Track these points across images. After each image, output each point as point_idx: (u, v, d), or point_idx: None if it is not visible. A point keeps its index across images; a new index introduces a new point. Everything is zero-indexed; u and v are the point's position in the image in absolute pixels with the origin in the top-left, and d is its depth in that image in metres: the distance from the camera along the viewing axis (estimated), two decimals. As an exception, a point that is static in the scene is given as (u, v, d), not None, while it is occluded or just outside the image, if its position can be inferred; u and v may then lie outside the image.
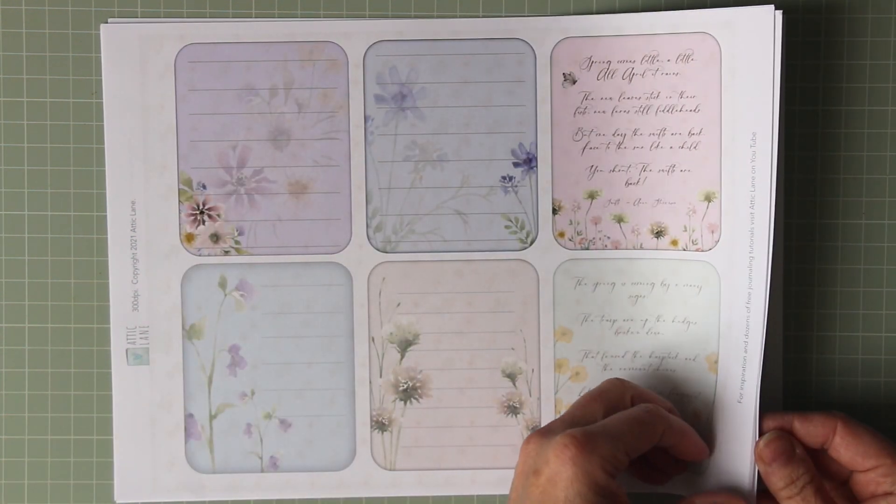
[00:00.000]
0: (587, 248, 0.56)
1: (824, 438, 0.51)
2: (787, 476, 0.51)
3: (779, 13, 0.53)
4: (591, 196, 0.56)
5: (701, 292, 0.55)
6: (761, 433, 0.53)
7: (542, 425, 0.55)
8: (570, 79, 0.55)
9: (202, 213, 0.56)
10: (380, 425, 0.56)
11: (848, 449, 0.51)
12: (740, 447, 0.53)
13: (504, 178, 0.56)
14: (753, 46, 0.53)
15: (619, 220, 0.56)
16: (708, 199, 0.55)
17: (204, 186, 0.56)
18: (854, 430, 0.51)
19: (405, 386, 0.56)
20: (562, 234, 0.56)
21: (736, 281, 0.54)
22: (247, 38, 0.56)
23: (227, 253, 0.56)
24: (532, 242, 0.56)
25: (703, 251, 0.55)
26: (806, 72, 0.56)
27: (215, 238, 0.56)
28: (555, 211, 0.56)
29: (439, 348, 0.56)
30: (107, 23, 0.56)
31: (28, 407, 0.57)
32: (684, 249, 0.55)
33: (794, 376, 0.56)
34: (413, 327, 0.56)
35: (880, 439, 0.51)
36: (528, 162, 0.56)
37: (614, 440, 0.48)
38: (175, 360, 0.56)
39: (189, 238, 0.56)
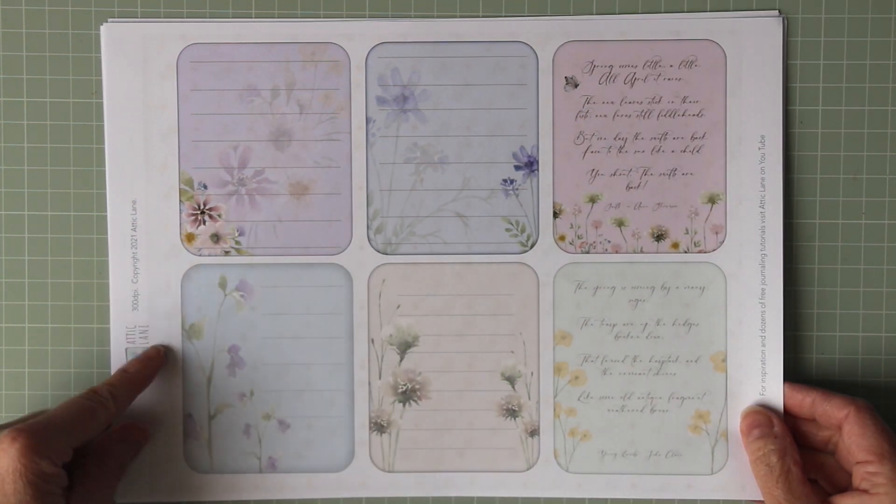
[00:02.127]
0: (587, 252, 0.56)
1: (839, 421, 0.52)
2: (758, 448, 0.53)
3: (782, 17, 0.53)
4: (592, 200, 0.56)
5: (704, 293, 0.55)
6: (784, 403, 0.54)
7: (541, 428, 0.56)
8: (572, 82, 0.55)
9: (203, 213, 0.56)
10: (378, 427, 0.56)
11: (850, 437, 0.51)
12: None
13: (505, 181, 0.56)
14: (761, 53, 0.54)
15: (620, 223, 0.56)
16: (712, 201, 0.55)
17: (205, 186, 0.56)
18: (863, 420, 0.51)
19: (404, 388, 0.56)
20: (562, 238, 0.56)
21: (746, 278, 0.55)
22: (249, 39, 0.55)
23: (227, 253, 0.56)
24: (532, 246, 0.56)
25: (706, 252, 0.55)
26: (806, 72, 0.56)
27: (216, 238, 0.56)
28: (555, 214, 0.56)
29: (439, 350, 0.56)
30: (107, 22, 0.56)
31: (28, 407, 0.57)
32: (686, 252, 0.55)
33: (794, 376, 0.56)
34: (413, 329, 0.56)
35: (883, 438, 0.51)
36: (530, 165, 0.56)
37: (58, 430, 0.49)
38: (174, 360, 0.56)
39: (189, 238, 0.56)
